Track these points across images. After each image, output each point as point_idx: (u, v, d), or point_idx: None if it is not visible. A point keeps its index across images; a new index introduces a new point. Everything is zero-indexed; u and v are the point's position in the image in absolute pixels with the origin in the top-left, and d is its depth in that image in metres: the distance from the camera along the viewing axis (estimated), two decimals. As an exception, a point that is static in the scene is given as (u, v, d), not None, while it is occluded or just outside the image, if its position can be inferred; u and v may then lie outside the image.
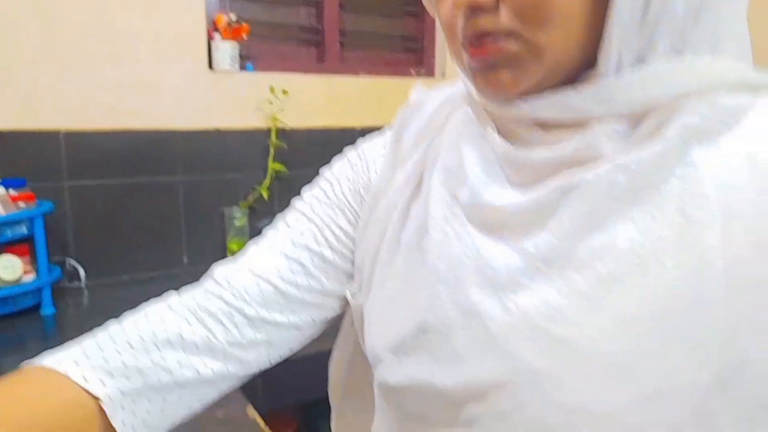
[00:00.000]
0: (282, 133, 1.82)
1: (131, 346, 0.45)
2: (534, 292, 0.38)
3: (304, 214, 0.55)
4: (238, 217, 1.76)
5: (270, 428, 0.89)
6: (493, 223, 0.41)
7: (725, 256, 0.33)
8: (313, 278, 0.53)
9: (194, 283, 0.53)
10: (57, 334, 1.30)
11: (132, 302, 0.51)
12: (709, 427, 0.33)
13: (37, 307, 1.37)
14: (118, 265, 1.65)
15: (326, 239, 0.54)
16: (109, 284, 1.61)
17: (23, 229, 1.33)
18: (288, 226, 0.55)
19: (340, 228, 0.54)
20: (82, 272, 1.58)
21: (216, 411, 0.97)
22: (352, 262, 0.54)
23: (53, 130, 1.51)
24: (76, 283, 1.58)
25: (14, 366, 0.41)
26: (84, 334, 0.48)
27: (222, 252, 1.79)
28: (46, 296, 1.37)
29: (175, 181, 1.70)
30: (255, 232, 1.82)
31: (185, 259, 1.75)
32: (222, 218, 1.77)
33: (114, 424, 0.42)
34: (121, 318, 0.48)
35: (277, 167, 1.79)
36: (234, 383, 0.51)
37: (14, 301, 1.32)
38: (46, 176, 1.52)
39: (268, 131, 1.80)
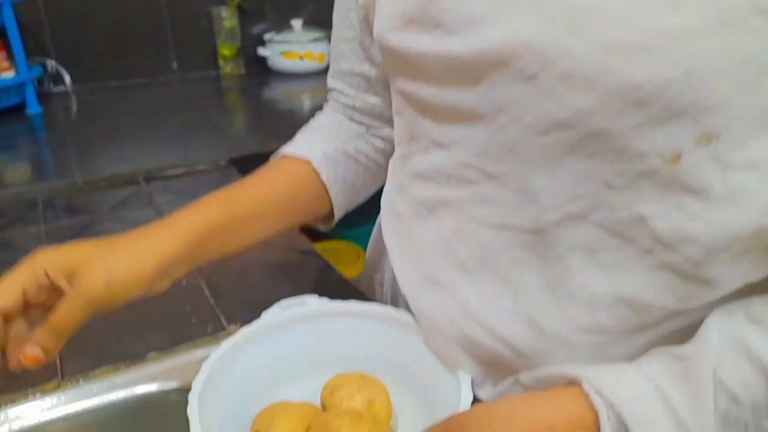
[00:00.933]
0: None
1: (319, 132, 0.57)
2: None
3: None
4: (227, 18, 1.63)
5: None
6: None
7: None
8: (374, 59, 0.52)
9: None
10: (45, 134, 1.25)
11: (121, 108, 0.47)
12: None
13: (22, 107, 1.32)
14: (105, 70, 1.57)
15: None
16: (96, 89, 1.54)
17: (-8, 18, 1.23)
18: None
19: None
20: (66, 77, 1.50)
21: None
22: None
23: None
24: (61, 87, 1.51)
25: (4, 163, 0.42)
26: (74, 136, 0.49)
27: (212, 58, 1.69)
28: (30, 94, 1.30)
29: (155, -25, 1.55)
30: (247, 35, 1.70)
31: (174, 65, 1.66)
32: (210, 20, 1.64)
33: (323, 178, 0.53)
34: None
35: (266, -40, 1.62)
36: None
37: (-3, 98, 1.26)
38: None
39: None
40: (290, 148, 0.56)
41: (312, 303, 0.50)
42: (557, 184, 0.33)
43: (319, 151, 0.54)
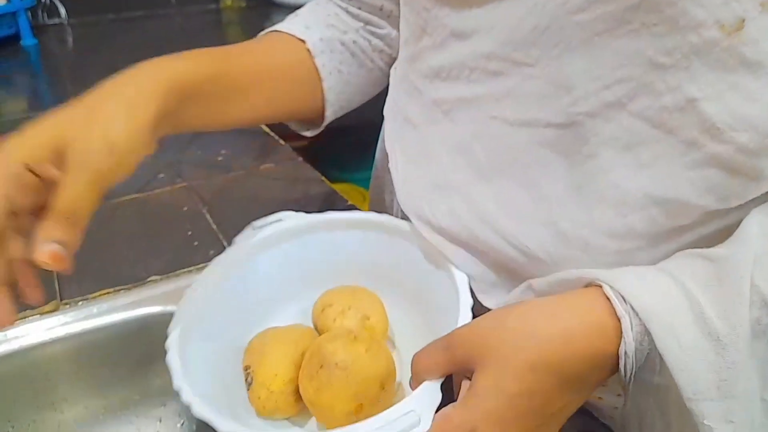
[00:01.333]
0: None
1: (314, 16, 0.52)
2: None
3: None
4: (227, -54, 1.56)
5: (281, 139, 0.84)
6: None
7: None
8: None
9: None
10: (41, 66, 1.21)
11: (118, 42, 0.42)
12: None
13: (16, 39, 1.28)
14: (101, 3, 1.51)
15: None
16: (92, 23, 1.49)
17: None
18: None
19: None
20: (62, 9, 1.45)
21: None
22: None
23: None
24: (56, 20, 1.46)
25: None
26: (71, 69, 0.43)
27: (212, -10, 1.63)
28: (24, 25, 1.26)
29: None
30: (247, -34, 1.63)
31: (173, -2, 1.60)
32: (209, -51, 1.57)
33: (317, 63, 0.49)
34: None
35: None
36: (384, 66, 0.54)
37: (-10, 28, 1.22)
38: None
39: None
40: (285, 26, 0.51)
41: (289, 219, 0.46)
42: (595, 69, 0.30)
43: (315, 33, 0.49)
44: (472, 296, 0.38)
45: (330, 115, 0.52)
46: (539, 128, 0.34)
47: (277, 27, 0.51)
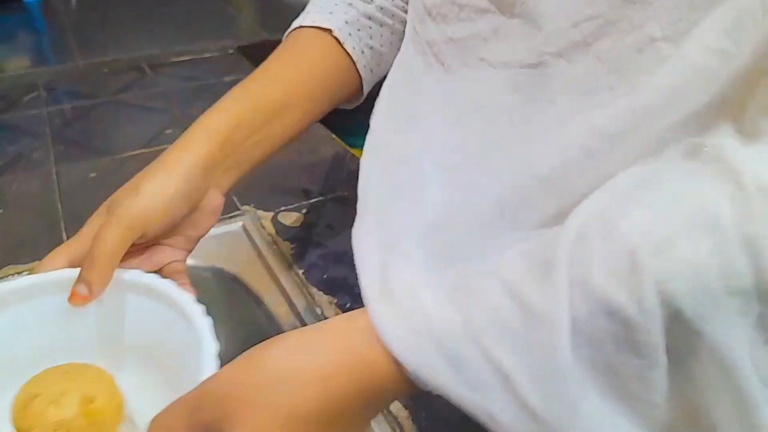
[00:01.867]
0: None
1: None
2: None
3: None
4: None
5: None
6: None
7: None
8: None
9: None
10: (44, 23, 1.19)
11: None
12: None
13: (18, -6, 1.26)
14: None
15: None
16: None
17: None
18: None
19: None
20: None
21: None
22: None
23: None
24: (59, -23, 1.43)
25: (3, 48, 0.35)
26: (74, 24, 0.42)
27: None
28: (26, -20, 1.23)
29: None
30: None
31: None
32: None
33: (347, 49, 0.49)
34: None
35: None
36: None
37: (-9, -17, 1.20)
38: None
39: None
40: (309, 19, 0.51)
41: None
42: (567, 3, 0.31)
43: (340, 18, 0.50)
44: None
45: (368, 88, 0.53)
46: (513, 70, 0.34)
47: (301, 22, 0.51)
